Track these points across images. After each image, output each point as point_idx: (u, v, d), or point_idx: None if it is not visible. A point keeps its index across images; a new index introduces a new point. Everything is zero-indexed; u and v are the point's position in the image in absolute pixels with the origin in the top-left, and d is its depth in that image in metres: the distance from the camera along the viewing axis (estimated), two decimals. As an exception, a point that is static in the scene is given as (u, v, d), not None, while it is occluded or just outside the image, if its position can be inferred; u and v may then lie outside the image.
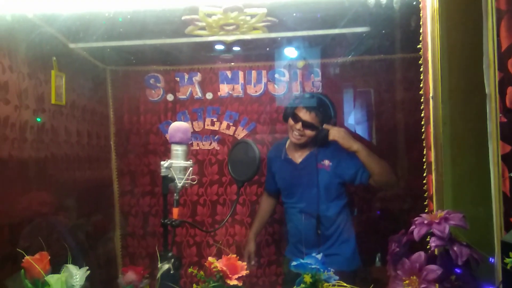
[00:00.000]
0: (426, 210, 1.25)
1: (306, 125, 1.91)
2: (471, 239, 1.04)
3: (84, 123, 2.26)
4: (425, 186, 1.24)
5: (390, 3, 1.24)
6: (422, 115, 1.23)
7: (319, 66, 2.60)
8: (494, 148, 0.90)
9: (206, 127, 2.64)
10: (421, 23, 1.19)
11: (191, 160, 1.39)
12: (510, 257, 0.68)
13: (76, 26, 1.85)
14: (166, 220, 1.33)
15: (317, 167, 1.93)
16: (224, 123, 2.64)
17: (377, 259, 2.00)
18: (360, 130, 2.44)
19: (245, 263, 1.09)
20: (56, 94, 1.95)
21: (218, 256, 1.24)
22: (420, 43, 1.21)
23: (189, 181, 1.38)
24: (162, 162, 1.34)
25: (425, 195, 1.25)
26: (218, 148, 2.65)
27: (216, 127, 2.65)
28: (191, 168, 1.38)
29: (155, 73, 2.63)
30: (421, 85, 1.22)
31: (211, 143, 2.66)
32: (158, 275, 1.26)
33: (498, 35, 0.87)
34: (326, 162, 1.93)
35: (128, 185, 2.67)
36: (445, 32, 1.09)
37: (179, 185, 1.36)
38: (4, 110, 1.55)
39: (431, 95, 1.15)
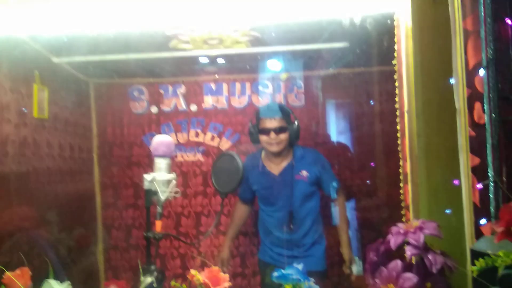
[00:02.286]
0: (403, 219, 1.29)
1: (277, 131, 1.99)
2: (446, 247, 1.08)
3: (66, 136, 2.24)
4: (402, 196, 1.28)
5: (364, 23, 1.30)
6: (398, 127, 1.28)
7: (302, 79, 2.66)
8: (464, 160, 0.95)
9: (190, 138, 2.66)
10: (395, 40, 1.25)
11: (174, 173, 1.40)
12: (475, 266, 0.72)
13: (59, 42, 1.85)
14: (148, 233, 1.33)
15: (295, 178, 2.02)
16: (209, 135, 2.66)
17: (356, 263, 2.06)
18: (342, 140, 2.49)
19: (227, 275, 1.11)
20: (39, 107, 1.95)
21: (204, 267, 1.25)
22: (395, 59, 1.26)
23: (172, 194, 1.39)
24: (145, 176, 1.35)
25: (402, 204, 1.29)
26: (202, 159, 2.67)
27: (200, 139, 2.66)
28: (174, 181, 1.39)
29: (139, 86, 2.64)
30: (396, 99, 1.27)
31: (195, 155, 2.67)
32: (141, 289, 1.26)
33: (465, 54, 0.92)
34: (304, 172, 2.03)
35: (111, 197, 2.65)
36: (418, 49, 1.15)
37: (162, 198, 1.36)
38: (-15, 124, 1.53)
39: (406, 108, 1.20)
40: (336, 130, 2.54)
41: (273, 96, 2.66)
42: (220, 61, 2.53)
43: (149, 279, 1.29)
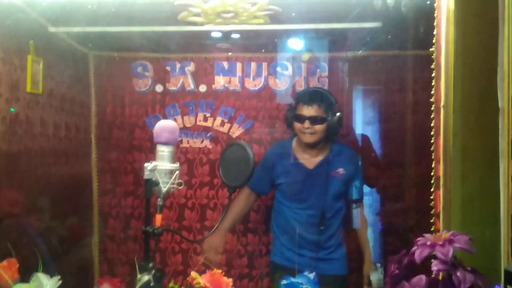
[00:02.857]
0: (432, 228, 1.28)
1: (313, 120, 1.98)
2: (478, 264, 1.07)
3: (62, 114, 2.28)
4: (432, 202, 1.27)
5: (398, 2, 1.27)
6: (433, 124, 1.26)
7: (326, 61, 2.62)
8: (505, 167, 0.93)
9: (198, 123, 2.67)
10: (435, 24, 1.22)
11: (178, 163, 1.42)
12: (511, 289, 0.71)
13: (58, 10, 1.87)
14: (148, 227, 1.35)
15: (331, 175, 2.04)
16: (218, 120, 2.67)
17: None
18: (368, 133, 2.46)
19: (231, 280, 1.12)
20: (33, 81, 1.98)
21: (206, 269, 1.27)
22: (433, 46, 1.23)
23: (174, 186, 1.41)
24: (145, 164, 1.37)
25: (431, 212, 1.28)
26: (210, 146, 2.68)
27: (209, 124, 2.67)
28: (177, 172, 1.41)
29: (144, 61, 2.66)
30: (432, 92, 1.25)
31: (203, 141, 2.68)
32: (138, 287, 1.29)
33: (514, 45, 0.90)
34: (341, 170, 2.05)
35: (109, 183, 2.69)
36: (460, 36, 1.12)
37: (164, 189, 1.38)
38: (-26, 99, 1.57)
39: (442, 103, 1.18)
40: (362, 121, 2.51)
41: (293, 79, 2.64)
42: (235, 37, 2.51)
43: (146, 277, 1.32)
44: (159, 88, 2.66)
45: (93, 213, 2.65)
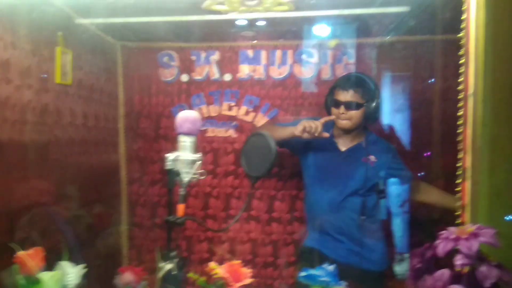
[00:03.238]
0: (458, 221, 1.24)
1: (348, 106, 1.97)
2: (505, 258, 1.04)
3: (91, 104, 2.34)
4: (459, 194, 1.23)
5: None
6: (461, 113, 1.21)
7: (354, 47, 2.57)
8: (535, 160, 0.88)
9: (223, 112, 2.68)
10: (464, 8, 1.16)
11: (200, 153, 1.43)
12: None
13: (84, 0, 1.90)
14: (170, 217, 1.38)
15: (362, 160, 2.02)
16: (243, 109, 2.67)
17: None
18: (394, 122, 2.40)
19: (250, 270, 1.13)
20: (62, 72, 2.03)
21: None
22: (462, 31, 1.18)
23: (196, 176, 1.42)
24: (167, 155, 1.39)
25: (458, 204, 1.24)
26: (235, 135, 2.69)
27: (234, 113, 2.68)
28: (199, 162, 1.42)
29: (170, 51, 2.68)
30: (461, 79, 1.20)
31: (227, 130, 2.69)
32: (159, 276, 1.32)
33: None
34: (372, 157, 2.02)
35: (137, 172, 2.75)
36: (491, 20, 1.06)
37: (186, 179, 1.40)
38: (4, 90, 1.63)
39: (471, 91, 1.13)
40: (390, 109, 2.45)
41: (319, 67, 2.60)
42: (259, 24, 2.49)
43: (168, 266, 1.35)
44: (184, 77, 2.68)
45: (121, 200, 2.72)
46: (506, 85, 1.06)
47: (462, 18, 1.18)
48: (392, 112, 2.37)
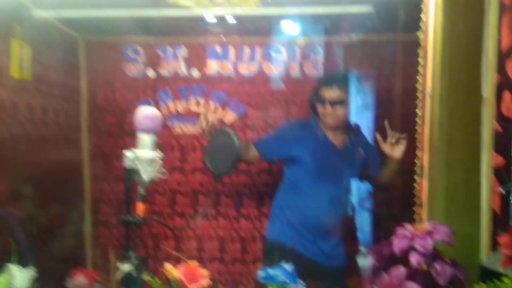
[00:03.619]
0: (416, 218, 1.26)
1: (333, 103, 1.98)
2: (460, 256, 1.06)
3: (51, 99, 2.26)
4: (417, 191, 1.25)
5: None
6: (420, 112, 1.23)
7: (322, 45, 2.58)
8: (487, 159, 0.90)
9: (191, 108, 2.64)
10: (423, 8, 1.17)
11: (160, 151, 1.40)
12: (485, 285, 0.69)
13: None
14: (128, 216, 1.34)
15: (357, 156, 2.06)
16: (211, 105, 2.64)
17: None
18: (359, 119, 2.42)
19: (207, 272, 1.11)
20: (20, 67, 1.95)
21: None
22: (420, 32, 1.19)
23: (157, 174, 1.39)
24: (125, 152, 1.35)
25: (415, 201, 1.26)
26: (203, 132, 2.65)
27: (202, 109, 2.65)
28: (159, 160, 1.39)
29: (135, 45, 2.61)
30: (419, 80, 1.21)
31: (195, 127, 2.66)
32: (117, 278, 1.28)
33: (499, 32, 0.86)
34: (361, 150, 2.07)
35: (101, 169, 2.68)
36: (449, 21, 1.07)
37: (145, 178, 1.37)
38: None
39: (429, 91, 1.14)
40: (355, 107, 2.48)
41: (287, 64, 2.60)
42: (228, 20, 2.47)
43: (127, 267, 1.32)
44: (151, 73, 2.63)
45: (85, 198, 2.65)
46: (463, 85, 1.08)
47: (421, 18, 1.19)
48: (358, 110, 2.39)
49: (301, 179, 2.08)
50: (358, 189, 2.12)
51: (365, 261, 2.05)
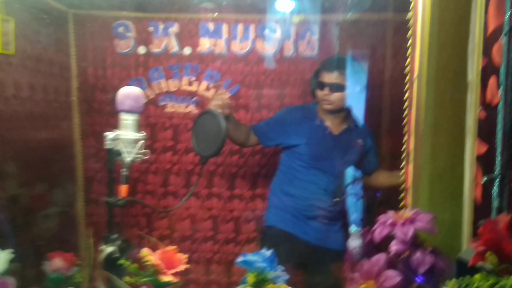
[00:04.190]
0: (402, 204, 1.24)
1: (332, 87, 1.97)
2: (444, 243, 1.04)
3: (38, 76, 2.21)
4: (403, 177, 1.23)
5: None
6: (406, 96, 1.19)
7: (317, 23, 2.52)
8: (471, 146, 0.88)
9: (182, 87, 2.61)
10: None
11: (143, 132, 1.38)
12: (461, 278, 0.67)
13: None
14: (110, 198, 1.33)
15: (353, 144, 2.06)
16: (204, 84, 2.60)
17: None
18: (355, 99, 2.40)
19: (185, 256, 1.10)
20: (4, 41, 1.90)
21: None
22: (410, 13, 1.14)
23: (140, 156, 1.37)
24: (106, 133, 1.33)
25: (402, 187, 1.24)
26: (196, 111, 2.63)
27: (194, 88, 2.61)
28: (142, 141, 1.37)
29: (126, 21, 2.56)
30: (407, 62, 1.17)
31: (187, 106, 2.63)
32: (100, 260, 1.28)
33: (486, 14, 0.82)
34: (360, 141, 2.07)
35: (93, 147, 2.66)
36: (437, 1, 1.03)
37: (128, 159, 1.35)
38: None
39: (416, 74, 1.11)
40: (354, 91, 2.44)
41: (282, 43, 2.55)
42: (221, -3, 2.41)
43: (110, 249, 1.31)
44: (141, 49, 2.58)
45: (77, 176, 2.64)
46: (450, 69, 1.04)
47: (411, -2, 1.15)
48: (352, 92, 2.35)
49: (296, 166, 2.09)
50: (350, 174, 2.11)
51: (355, 242, 2.06)
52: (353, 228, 2.09)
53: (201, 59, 2.58)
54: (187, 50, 2.57)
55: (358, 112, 2.11)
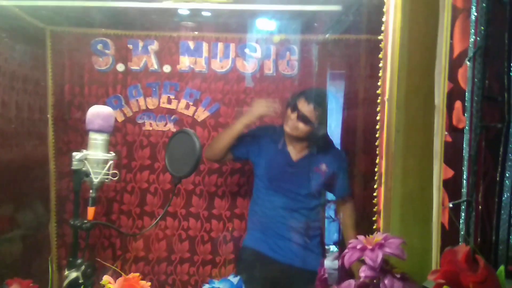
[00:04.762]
0: (374, 227, 1.22)
1: (301, 117, 1.99)
2: (414, 268, 1.02)
3: (11, 93, 2.17)
4: (375, 199, 1.21)
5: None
6: (378, 118, 1.19)
7: (297, 43, 2.54)
8: (438, 170, 0.87)
9: (161, 105, 2.59)
10: (384, 9, 1.13)
11: (112, 153, 1.34)
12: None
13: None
14: (75, 221, 1.29)
15: (313, 170, 2.06)
16: (183, 102, 2.58)
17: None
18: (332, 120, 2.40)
19: (148, 284, 1.06)
20: (-26, 58, 1.87)
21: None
22: (382, 34, 1.15)
23: (108, 177, 1.33)
24: (74, 153, 1.29)
25: (374, 209, 1.22)
26: (174, 130, 2.60)
27: (173, 106, 2.59)
28: (111, 162, 1.33)
29: (104, 38, 2.54)
30: (379, 83, 1.17)
31: (166, 124, 2.61)
32: (64, 285, 1.23)
33: (451, 38, 0.82)
34: (323, 167, 2.06)
35: (67, 166, 2.60)
36: (407, 24, 1.03)
37: (95, 180, 1.31)
38: None
39: (386, 97, 1.11)
40: (334, 106, 2.45)
41: (261, 62, 2.55)
42: (201, 15, 2.41)
43: (74, 274, 1.26)
44: (120, 67, 2.56)
45: (50, 195, 2.57)
46: (420, 91, 1.04)
47: (383, 19, 1.15)
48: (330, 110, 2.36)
49: (258, 188, 2.13)
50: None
51: (333, 263, 2.04)
52: (330, 249, 2.08)
53: (180, 77, 2.57)
54: (166, 68, 2.56)
55: (331, 129, 2.13)
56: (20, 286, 1.21)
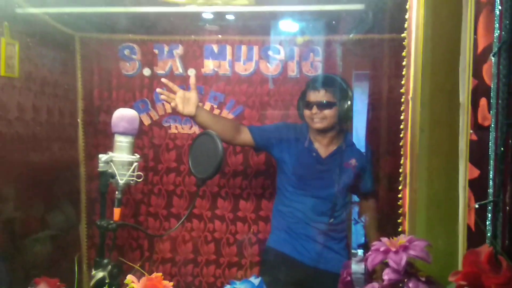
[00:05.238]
0: (399, 229, 1.20)
1: (320, 105, 1.95)
2: (439, 271, 0.99)
3: (43, 98, 2.25)
4: (400, 201, 1.18)
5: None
6: (402, 117, 1.16)
7: (321, 44, 2.52)
8: (464, 170, 0.84)
9: (187, 108, 2.60)
10: (407, 6, 1.11)
11: (136, 155, 1.37)
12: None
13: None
14: (102, 221, 1.31)
15: (344, 166, 2.02)
16: (208, 105, 2.60)
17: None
18: (359, 120, 2.37)
19: (171, 284, 1.07)
20: (7, 65, 1.94)
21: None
22: (405, 32, 1.12)
23: (134, 178, 1.36)
24: (100, 156, 1.32)
25: (399, 211, 1.19)
26: (199, 132, 2.62)
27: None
28: (136, 163, 1.36)
29: (131, 43, 2.59)
30: (403, 82, 1.15)
31: (191, 127, 2.63)
32: (91, 285, 1.26)
33: (475, 33, 0.79)
34: (353, 161, 2.02)
35: (96, 168, 2.66)
36: (430, 20, 1.01)
37: (121, 182, 1.34)
38: None
39: (410, 95, 1.08)
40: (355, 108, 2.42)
41: (285, 64, 2.55)
42: (225, 18, 2.43)
43: (101, 274, 1.29)
44: (146, 71, 2.61)
45: (81, 198, 2.64)
46: (444, 89, 1.01)
47: (405, 17, 1.13)
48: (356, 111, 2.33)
49: (286, 186, 2.08)
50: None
51: (359, 266, 2.01)
52: (357, 252, 2.04)
53: (205, 81, 2.59)
54: (191, 72, 2.59)
55: (356, 129, 2.09)
56: (47, 285, 1.24)
